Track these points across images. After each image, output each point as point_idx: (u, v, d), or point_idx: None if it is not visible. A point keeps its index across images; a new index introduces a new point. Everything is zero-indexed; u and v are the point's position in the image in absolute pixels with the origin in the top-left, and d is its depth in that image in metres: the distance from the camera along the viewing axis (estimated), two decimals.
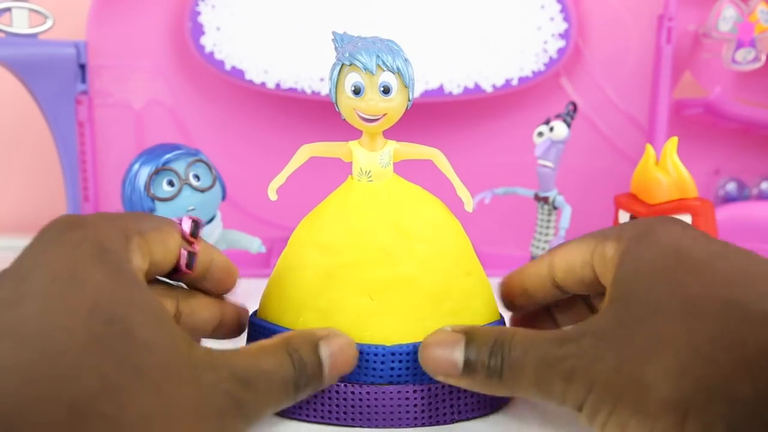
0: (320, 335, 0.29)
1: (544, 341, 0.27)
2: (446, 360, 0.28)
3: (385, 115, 0.31)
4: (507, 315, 0.35)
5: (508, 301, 0.35)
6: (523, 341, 0.27)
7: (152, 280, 0.31)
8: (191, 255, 0.30)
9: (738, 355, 0.23)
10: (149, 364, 0.22)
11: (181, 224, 0.30)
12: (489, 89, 0.58)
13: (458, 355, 0.28)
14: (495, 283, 0.36)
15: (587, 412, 0.25)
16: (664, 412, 0.23)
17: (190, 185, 0.41)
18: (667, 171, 0.44)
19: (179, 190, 0.41)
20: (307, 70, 0.57)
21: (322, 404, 0.30)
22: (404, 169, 0.34)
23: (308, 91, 0.58)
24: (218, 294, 0.33)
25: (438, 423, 0.31)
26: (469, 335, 0.28)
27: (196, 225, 0.30)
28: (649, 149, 0.46)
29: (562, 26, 0.58)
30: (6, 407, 0.19)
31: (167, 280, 0.31)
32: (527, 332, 0.28)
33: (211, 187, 0.42)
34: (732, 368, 0.23)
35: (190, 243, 0.30)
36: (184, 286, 0.32)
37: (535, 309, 0.36)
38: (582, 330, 0.26)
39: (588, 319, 0.27)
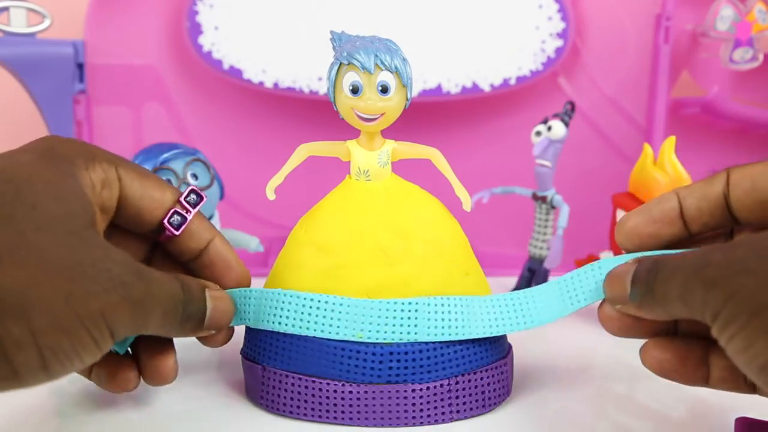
0: (205, 282, 0.29)
1: (696, 252, 0.25)
2: (621, 284, 0.28)
3: (383, 114, 0.31)
4: None
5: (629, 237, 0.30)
6: (679, 255, 0.26)
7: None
8: (178, 215, 0.29)
9: None
10: (30, 224, 0.23)
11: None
12: (487, 89, 0.58)
13: (628, 279, 0.27)
14: (493, 282, 0.36)
15: (719, 324, 0.24)
16: None
17: (188, 184, 0.41)
18: (665, 170, 0.45)
19: None
20: (305, 70, 0.57)
21: (320, 403, 0.30)
22: (402, 168, 0.34)
23: (306, 90, 0.57)
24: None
25: (437, 422, 0.31)
26: (640, 260, 0.28)
27: (196, 195, 0.30)
28: (647, 148, 0.46)
29: (560, 26, 0.58)
30: None
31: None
32: (687, 251, 0.26)
33: (209, 186, 0.42)
34: None
35: (184, 209, 0.30)
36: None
37: None
38: (738, 242, 0.25)
39: (752, 234, 0.26)
